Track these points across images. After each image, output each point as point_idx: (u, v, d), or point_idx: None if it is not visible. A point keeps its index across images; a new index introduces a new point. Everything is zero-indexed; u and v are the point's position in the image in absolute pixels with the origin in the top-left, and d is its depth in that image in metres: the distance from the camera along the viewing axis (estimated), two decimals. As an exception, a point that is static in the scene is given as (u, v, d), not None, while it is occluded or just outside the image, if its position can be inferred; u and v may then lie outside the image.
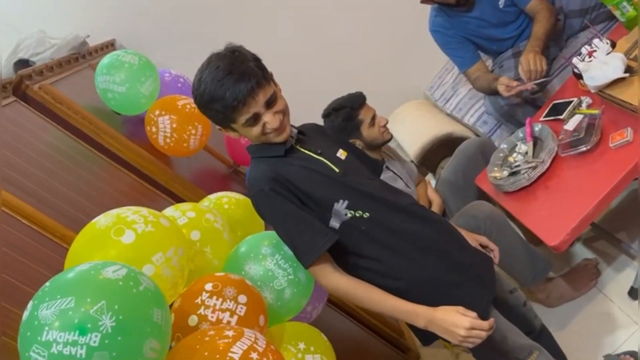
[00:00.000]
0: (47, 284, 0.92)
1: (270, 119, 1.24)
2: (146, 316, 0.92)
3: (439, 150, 2.69)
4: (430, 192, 2.25)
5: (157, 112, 2.12)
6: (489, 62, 2.51)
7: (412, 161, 2.73)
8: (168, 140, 2.12)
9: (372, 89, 3.24)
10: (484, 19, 2.28)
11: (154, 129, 2.12)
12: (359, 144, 2.02)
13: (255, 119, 1.23)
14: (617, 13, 1.83)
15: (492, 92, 2.21)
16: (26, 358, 0.86)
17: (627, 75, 1.61)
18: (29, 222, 1.36)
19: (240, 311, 1.17)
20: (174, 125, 2.10)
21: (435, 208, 2.18)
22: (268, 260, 1.34)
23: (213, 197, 1.69)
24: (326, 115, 2.06)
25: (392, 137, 2.11)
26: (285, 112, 1.28)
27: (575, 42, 2.21)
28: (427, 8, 2.38)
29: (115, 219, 1.14)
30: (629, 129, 1.59)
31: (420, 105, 3.23)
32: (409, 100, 3.32)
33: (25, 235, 1.32)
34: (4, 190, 1.36)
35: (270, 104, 1.24)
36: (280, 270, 1.34)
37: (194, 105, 2.15)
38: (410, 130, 2.94)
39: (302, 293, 1.39)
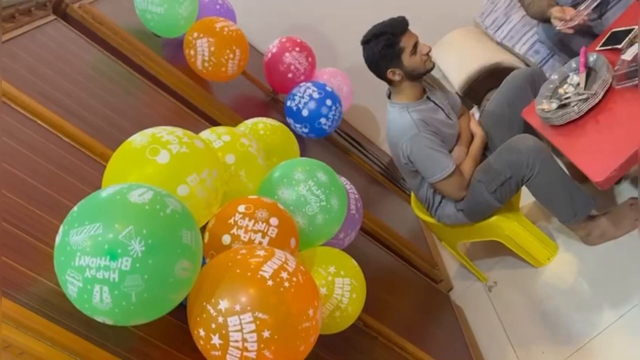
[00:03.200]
0: (75, 209, 0.94)
1: None
2: (175, 238, 0.93)
3: (485, 82, 2.57)
4: (474, 124, 2.17)
5: (195, 35, 2.09)
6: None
7: (456, 93, 2.63)
8: (206, 64, 2.10)
9: (416, 14, 3.11)
10: None
11: (192, 52, 2.10)
12: (399, 73, 1.95)
13: None
14: None
15: (546, 20, 2.05)
16: (63, 281, 0.89)
17: (701, -1, 1.46)
18: (70, 139, 1.40)
19: (272, 233, 1.19)
20: (212, 49, 2.07)
21: (478, 141, 2.11)
22: (301, 186, 1.35)
23: (249, 122, 1.69)
24: (365, 42, 1.97)
25: (434, 66, 2.00)
26: None
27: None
28: None
29: (150, 139, 1.14)
30: (696, 59, 1.46)
31: (469, 33, 3.06)
32: (457, 28, 3.15)
33: (66, 152, 1.36)
34: (43, 107, 1.38)
35: None
36: (313, 196, 1.34)
37: (232, 28, 2.15)
38: (457, 59, 2.81)
39: (334, 220, 1.40)
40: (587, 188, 1.88)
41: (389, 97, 2.08)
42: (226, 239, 1.18)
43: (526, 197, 2.16)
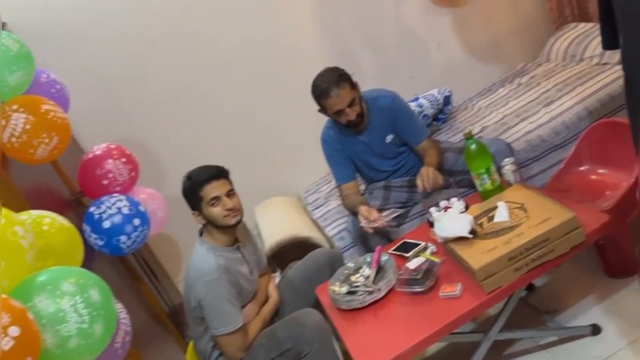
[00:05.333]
0: None
1: None
2: None
3: (293, 251, 2.69)
4: (272, 287, 2.20)
5: (14, 107, 1.90)
6: (363, 186, 2.66)
7: (266, 253, 2.69)
8: (14, 139, 1.89)
9: (258, 174, 3.31)
10: (369, 147, 2.44)
11: (3, 122, 1.88)
12: (201, 218, 1.98)
13: None
14: (477, 182, 2.05)
15: (354, 214, 2.31)
16: None
17: (470, 236, 1.76)
18: None
19: (5, 345, 0.98)
20: (27, 127, 1.89)
21: (271, 304, 2.12)
22: (66, 299, 1.17)
23: (35, 213, 1.49)
24: (184, 177, 2.01)
25: (237, 222, 1.99)
26: None
27: (438, 195, 2.41)
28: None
29: None
30: (460, 284, 1.71)
31: (291, 202, 3.28)
32: (283, 195, 3.37)
33: None
34: None
35: None
36: (75, 314, 1.17)
37: (59, 115, 2.00)
38: (274, 222, 2.94)
39: (91, 348, 1.22)
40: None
41: (201, 234, 2.04)
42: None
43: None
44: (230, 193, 1.98)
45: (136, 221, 2.23)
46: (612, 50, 1.09)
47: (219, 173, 1.98)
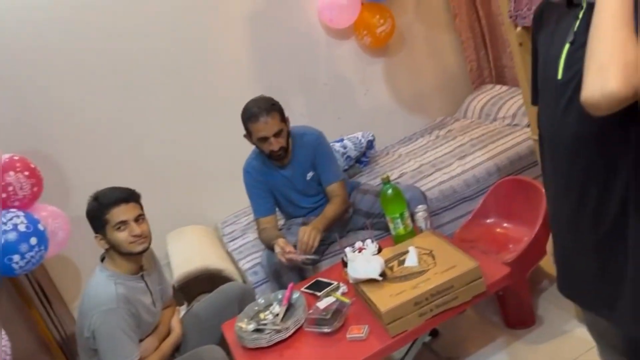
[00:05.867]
0: None
1: None
2: None
3: (202, 283, 2.59)
4: (175, 321, 2.10)
5: None
6: (282, 221, 2.64)
7: (173, 284, 2.58)
8: None
9: (173, 200, 3.20)
10: (291, 182, 2.44)
11: None
12: (104, 243, 1.86)
13: None
14: (391, 226, 2.10)
15: (271, 248, 2.28)
16: None
17: (380, 278, 1.79)
18: None
19: None
20: None
21: (172, 339, 2.01)
22: None
23: None
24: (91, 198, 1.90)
25: (143, 250, 1.89)
26: None
27: (354, 236, 2.45)
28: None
29: None
30: (367, 327, 1.72)
31: (207, 232, 3.18)
32: (199, 224, 3.27)
33: None
34: None
35: None
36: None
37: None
38: (185, 252, 2.83)
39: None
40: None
41: (103, 259, 1.92)
42: None
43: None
44: (140, 218, 1.88)
45: (33, 240, 2.07)
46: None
47: (129, 196, 1.87)
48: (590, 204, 1.03)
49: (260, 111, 2.23)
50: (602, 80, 0.82)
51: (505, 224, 2.33)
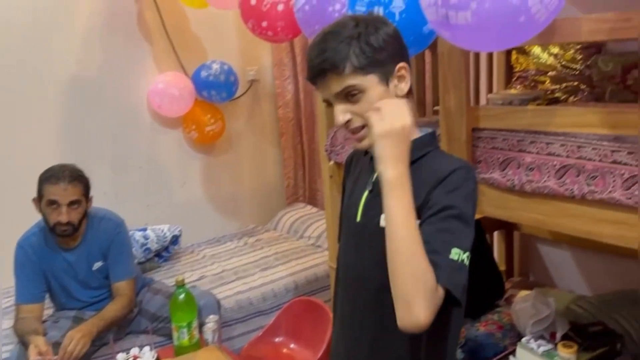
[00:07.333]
0: None
1: None
2: None
3: None
4: None
5: None
6: (51, 311, 2.28)
7: None
8: None
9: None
10: (73, 269, 2.16)
11: None
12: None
13: None
14: (175, 334, 1.93)
15: (24, 344, 1.93)
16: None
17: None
18: None
19: None
20: None
21: None
22: None
23: None
24: None
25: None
26: None
27: (133, 340, 2.22)
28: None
29: None
30: None
31: None
32: None
33: None
34: None
35: None
36: None
37: None
38: None
39: None
40: None
41: None
42: None
43: None
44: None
45: None
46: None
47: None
48: (367, 339, 1.09)
49: (64, 176, 2.02)
50: (412, 317, 0.88)
51: (292, 345, 2.33)
